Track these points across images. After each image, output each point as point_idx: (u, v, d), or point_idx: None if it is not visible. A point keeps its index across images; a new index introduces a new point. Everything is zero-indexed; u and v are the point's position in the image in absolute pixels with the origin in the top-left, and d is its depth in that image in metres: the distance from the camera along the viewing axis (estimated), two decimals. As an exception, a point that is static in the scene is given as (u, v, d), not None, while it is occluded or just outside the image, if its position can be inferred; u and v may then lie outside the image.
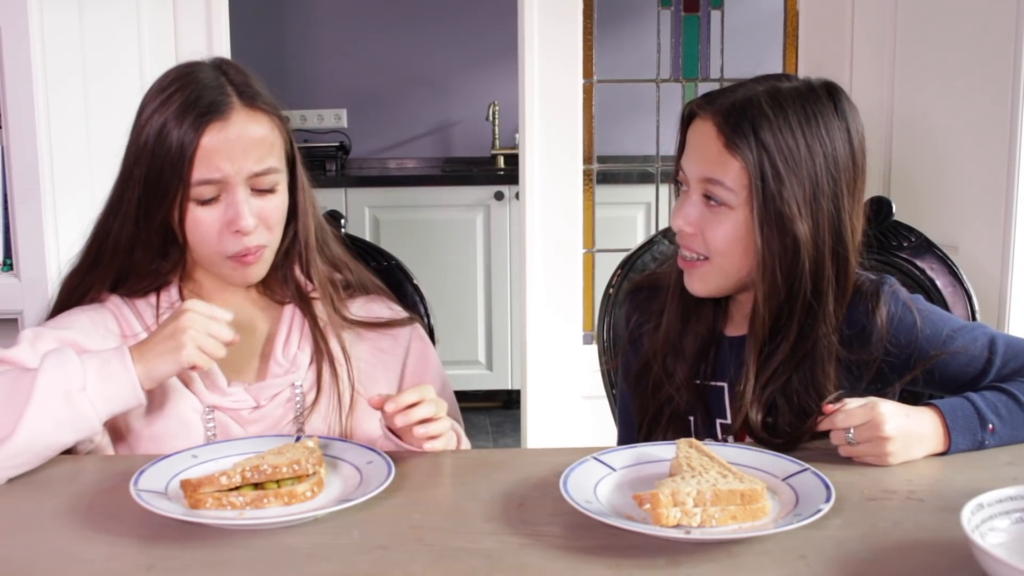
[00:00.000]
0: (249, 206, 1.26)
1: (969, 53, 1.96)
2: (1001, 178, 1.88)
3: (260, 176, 1.27)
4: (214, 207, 1.26)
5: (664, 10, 2.63)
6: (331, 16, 4.27)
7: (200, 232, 1.27)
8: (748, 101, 1.26)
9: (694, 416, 1.35)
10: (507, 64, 2.95)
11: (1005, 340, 1.30)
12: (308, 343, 1.35)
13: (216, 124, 1.24)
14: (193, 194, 1.26)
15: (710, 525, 0.96)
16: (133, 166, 1.29)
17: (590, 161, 2.59)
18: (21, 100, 1.99)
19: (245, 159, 1.25)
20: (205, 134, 1.24)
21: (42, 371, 1.14)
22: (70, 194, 2.10)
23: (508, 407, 4.06)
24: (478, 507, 1.04)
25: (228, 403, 1.29)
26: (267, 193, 1.29)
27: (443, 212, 3.90)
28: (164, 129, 1.25)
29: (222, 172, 1.24)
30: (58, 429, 1.13)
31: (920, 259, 1.57)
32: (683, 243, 1.30)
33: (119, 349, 1.18)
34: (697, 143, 1.29)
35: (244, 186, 1.26)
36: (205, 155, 1.24)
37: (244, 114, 1.27)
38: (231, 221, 1.26)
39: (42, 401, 1.12)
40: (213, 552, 0.95)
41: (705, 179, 1.27)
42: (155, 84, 1.32)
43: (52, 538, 0.99)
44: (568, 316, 2.60)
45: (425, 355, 1.43)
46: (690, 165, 1.29)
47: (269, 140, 1.28)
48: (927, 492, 1.07)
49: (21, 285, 2.04)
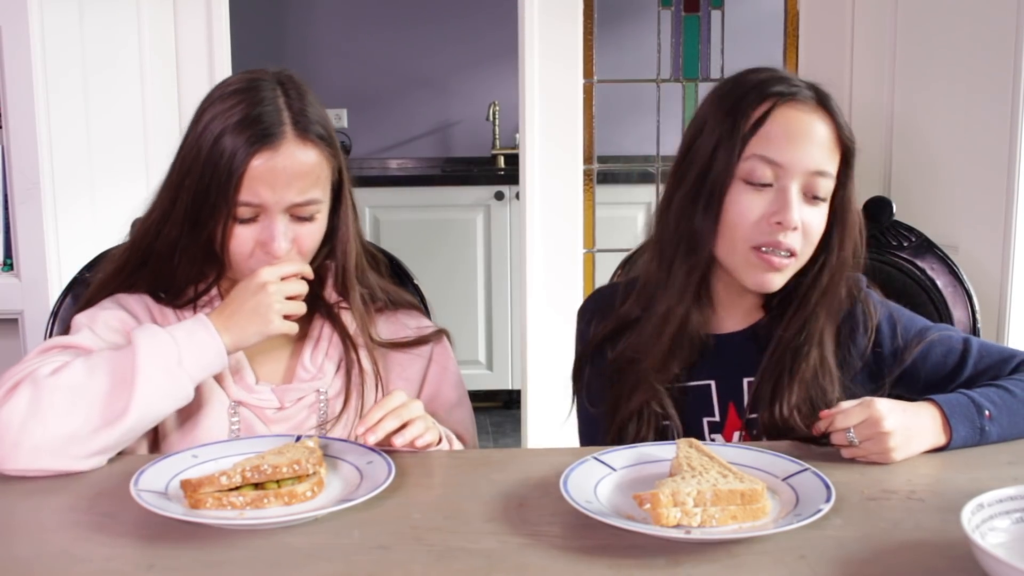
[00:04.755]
0: (285, 231, 1.27)
1: (969, 53, 1.96)
2: (1001, 178, 1.88)
3: (301, 207, 1.28)
4: (251, 226, 1.27)
5: (664, 10, 2.63)
6: (331, 16, 4.27)
7: (234, 248, 1.28)
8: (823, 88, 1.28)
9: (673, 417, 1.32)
10: (507, 64, 2.95)
11: (978, 339, 1.34)
12: (336, 352, 1.37)
13: (266, 152, 1.24)
14: (234, 211, 1.26)
15: (710, 525, 0.96)
16: (185, 175, 1.28)
17: (590, 161, 2.59)
18: (21, 100, 1.99)
19: (288, 190, 1.26)
20: (254, 158, 1.24)
21: (139, 348, 1.17)
22: (70, 194, 2.10)
23: (508, 407, 4.06)
24: (478, 507, 1.04)
25: (254, 401, 1.32)
26: (306, 221, 1.29)
27: (443, 212, 3.90)
28: (219, 143, 1.25)
29: (261, 199, 1.25)
30: (163, 401, 1.18)
31: (920, 259, 1.57)
32: (780, 241, 1.23)
33: (199, 319, 1.23)
34: (801, 133, 1.23)
35: (283, 213, 1.27)
36: (250, 179, 1.24)
37: (295, 144, 1.26)
38: (265, 243, 1.27)
39: (147, 378, 1.16)
40: (213, 552, 0.95)
41: (817, 172, 1.24)
42: (218, 89, 1.32)
43: (52, 538, 0.99)
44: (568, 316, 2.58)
45: (446, 366, 1.44)
46: (793, 155, 1.22)
47: (316, 172, 1.28)
48: (927, 492, 1.07)
49: (21, 285, 2.04)
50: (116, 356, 1.18)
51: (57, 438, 1.12)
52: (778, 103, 1.24)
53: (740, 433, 1.33)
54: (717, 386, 1.34)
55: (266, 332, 1.24)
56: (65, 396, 1.13)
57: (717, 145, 1.25)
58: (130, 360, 1.16)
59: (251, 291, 1.24)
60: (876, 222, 1.59)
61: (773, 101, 1.24)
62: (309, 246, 1.31)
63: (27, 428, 1.11)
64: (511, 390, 4.00)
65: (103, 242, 1.61)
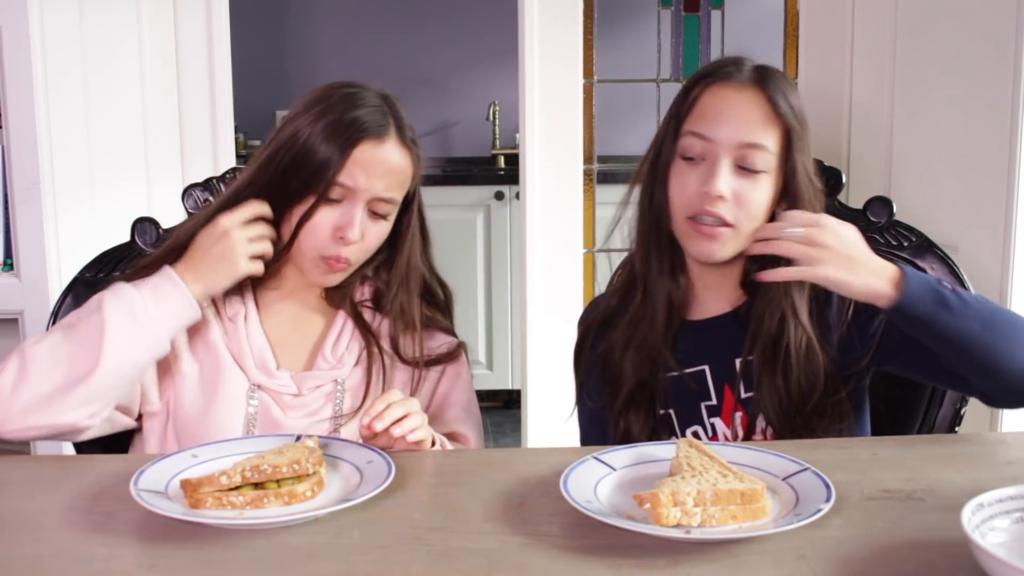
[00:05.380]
0: (361, 221, 1.34)
1: (969, 52, 1.95)
2: (1001, 178, 1.88)
3: (381, 202, 1.35)
4: (335, 209, 1.33)
5: (664, 10, 2.63)
6: (331, 16, 4.27)
7: (313, 227, 1.34)
8: (769, 68, 1.33)
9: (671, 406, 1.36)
10: (507, 64, 2.94)
11: None
12: (357, 346, 1.41)
13: (372, 141, 1.33)
14: (327, 193, 1.33)
15: (710, 525, 0.96)
16: (278, 158, 1.34)
17: (590, 161, 2.59)
18: (21, 100, 1.99)
19: (379, 181, 1.34)
20: (361, 143, 1.32)
21: (105, 304, 1.24)
22: (70, 194, 2.10)
23: (508, 407, 4.06)
24: (478, 507, 1.04)
25: (273, 385, 1.35)
26: (379, 218, 1.36)
27: (443, 212, 3.89)
28: (326, 128, 1.32)
29: (356, 183, 1.32)
30: (133, 351, 1.24)
31: (920, 259, 1.57)
32: (710, 209, 1.28)
33: (164, 272, 1.29)
34: (731, 109, 1.29)
35: (364, 203, 1.34)
36: (353, 162, 1.32)
37: (396, 143, 1.36)
38: (341, 228, 1.33)
39: (114, 329, 1.22)
40: (213, 552, 0.95)
41: (745, 145, 1.28)
42: (314, 94, 1.38)
43: (52, 538, 0.99)
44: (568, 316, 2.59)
45: (459, 375, 1.47)
46: (721, 130, 1.28)
47: (405, 175, 1.37)
48: (927, 492, 1.07)
49: (21, 285, 2.04)
50: (88, 315, 1.25)
51: (42, 396, 1.20)
52: (711, 83, 1.32)
53: (739, 414, 1.33)
54: (711, 370, 1.35)
55: (235, 275, 1.30)
56: (45, 358, 1.22)
57: (665, 129, 1.36)
58: (99, 316, 1.23)
59: (214, 238, 1.30)
60: (876, 222, 1.59)
61: (707, 82, 1.32)
62: (372, 242, 1.38)
63: (16, 391, 1.20)
64: (511, 390, 4.00)
65: (103, 242, 1.61)
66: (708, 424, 1.35)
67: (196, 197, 1.61)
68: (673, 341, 1.38)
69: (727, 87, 1.31)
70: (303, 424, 1.34)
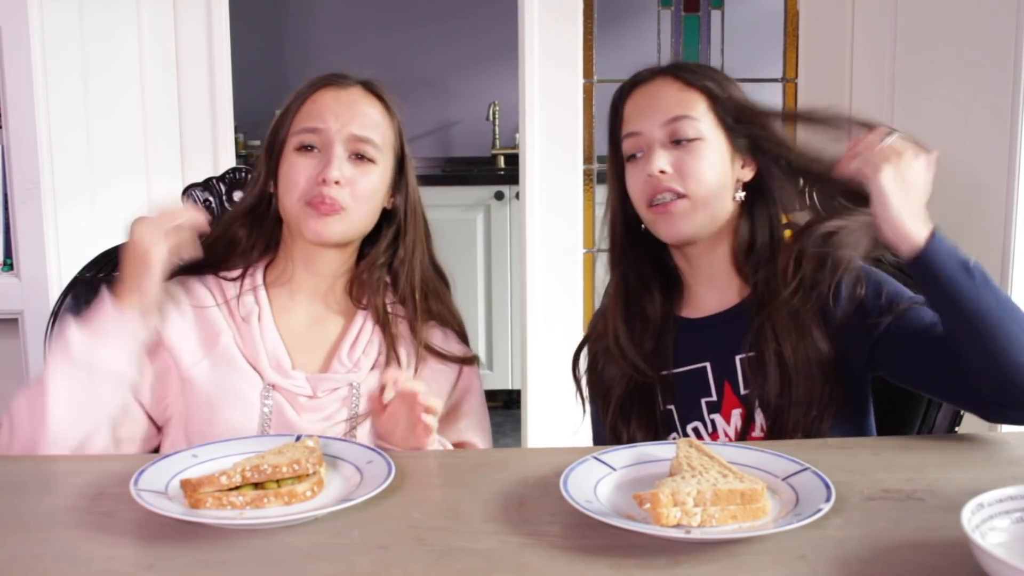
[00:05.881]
0: (341, 164, 1.34)
1: (969, 52, 1.96)
2: (1001, 179, 1.88)
3: (359, 142, 1.36)
4: (310, 156, 1.35)
5: (664, 10, 2.63)
6: (331, 16, 4.27)
7: (291, 177, 1.36)
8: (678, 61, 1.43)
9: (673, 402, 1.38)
10: (507, 64, 2.95)
11: None
12: (374, 350, 1.40)
13: (333, 88, 1.38)
14: (294, 142, 1.36)
15: (710, 525, 0.96)
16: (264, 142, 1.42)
17: (590, 161, 2.59)
18: (21, 100, 1.99)
19: (350, 121, 1.36)
20: (319, 91, 1.38)
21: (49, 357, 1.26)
22: (70, 194, 2.10)
23: (508, 407, 4.06)
24: (478, 507, 1.04)
25: (288, 385, 1.34)
26: (363, 162, 1.36)
27: (443, 212, 3.89)
28: (294, 94, 1.40)
29: (325, 123, 1.34)
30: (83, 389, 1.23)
31: (920, 259, 1.57)
32: (658, 187, 1.34)
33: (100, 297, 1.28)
34: (647, 99, 1.37)
35: (342, 145, 1.35)
36: (314, 107, 1.37)
37: (361, 92, 1.40)
38: (320, 171, 1.34)
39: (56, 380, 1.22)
40: (213, 552, 0.95)
41: (669, 120, 1.34)
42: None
43: (52, 538, 0.99)
44: (568, 316, 2.60)
45: (471, 388, 1.47)
46: (644, 122, 1.35)
47: (376, 120, 1.39)
48: (927, 492, 1.07)
49: (21, 285, 2.05)
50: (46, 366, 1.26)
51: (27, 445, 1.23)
52: (630, 92, 1.40)
53: (739, 411, 1.34)
54: (712, 367, 1.37)
55: (152, 269, 1.26)
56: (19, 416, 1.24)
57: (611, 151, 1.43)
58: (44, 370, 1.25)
59: (126, 249, 1.28)
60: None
61: (626, 91, 1.41)
62: (362, 189, 1.36)
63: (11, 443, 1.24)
64: (511, 390, 4.00)
65: (103, 242, 1.61)
66: (708, 420, 1.37)
67: (196, 197, 1.61)
68: (674, 340, 1.40)
69: (642, 87, 1.39)
70: (318, 428, 1.33)
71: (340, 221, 1.35)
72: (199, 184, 1.62)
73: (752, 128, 1.36)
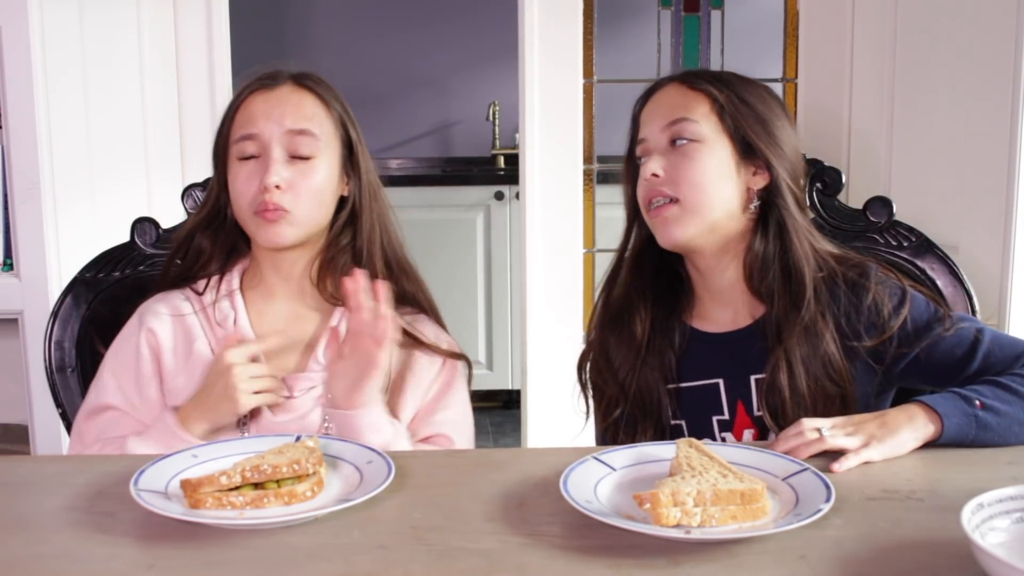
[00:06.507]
0: (279, 167, 1.34)
1: (969, 52, 1.95)
2: (1001, 178, 1.88)
3: (296, 135, 1.35)
4: (250, 164, 1.35)
5: (664, 10, 2.63)
6: (331, 16, 4.27)
7: (236, 188, 1.36)
8: (690, 69, 1.45)
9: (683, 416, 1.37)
10: (507, 64, 2.94)
11: (992, 331, 1.31)
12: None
13: (262, 91, 1.38)
14: (234, 151, 1.36)
15: (710, 525, 0.96)
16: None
17: (590, 161, 2.59)
18: (21, 100, 1.99)
19: (282, 119, 1.35)
20: (250, 96, 1.38)
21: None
22: (70, 194, 2.10)
23: (508, 407, 4.06)
24: (478, 507, 1.04)
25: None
26: (302, 160, 1.35)
27: (443, 212, 3.90)
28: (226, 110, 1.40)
29: (258, 128, 1.34)
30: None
31: (920, 259, 1.57)
32: (652, 192, 1.34)
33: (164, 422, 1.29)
34: (654, 104, 1.37)
35: (280, 147, 1.35)
36: (247, 113, 1.36)
37: (291, 88, 1.39)
38: (261, 178, 1.34)
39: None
40: (213, 552, 0.95)
41: (670, 123, 1.33)
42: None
43: (52, 538, 0.99)
44: (568, 316, 2.60)
45: (452, 383, 1.44)
46: (650, 127, 1.36)
47: (311, 111, 1.38)
48: (927, 492, 1.07)
49: (21, 285, 2.05)
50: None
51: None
52: (643, 102, 1.41)
53: (751, 431, 1.33)
54: (725, 384, 1.35)
55: (236, 411, 1.30)
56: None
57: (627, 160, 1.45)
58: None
59: (218, 373, 1.30)
60: (876, 222, 1.59)
61: (640, 102, 1.42)
62: (304, 188, 1.35)
63: None
64: (511, 390, 4.00)
65: (103, 242, 1.61)
66: (720, 438, 1.35)
67: (196, 197, 1.61)
68: (686, 352, 1.38)
69: (653, 95, 1.39)
70: (293, 428, 1.32)
71: (289, 224, 1.35)
72: (199, 184, 1.62)
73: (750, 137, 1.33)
